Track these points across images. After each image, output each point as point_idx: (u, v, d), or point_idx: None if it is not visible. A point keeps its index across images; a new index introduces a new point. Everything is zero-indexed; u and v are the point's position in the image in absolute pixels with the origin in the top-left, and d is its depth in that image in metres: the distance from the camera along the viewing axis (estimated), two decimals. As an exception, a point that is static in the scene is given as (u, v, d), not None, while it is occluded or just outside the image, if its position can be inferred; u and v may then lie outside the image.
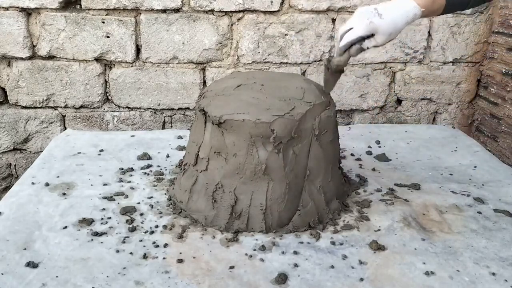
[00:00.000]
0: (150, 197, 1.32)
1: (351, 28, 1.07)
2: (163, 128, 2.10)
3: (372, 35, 1.07)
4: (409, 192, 1.38)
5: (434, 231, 1.18)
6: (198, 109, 1.22)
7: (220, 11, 1.91)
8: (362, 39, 1.07)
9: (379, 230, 1.18)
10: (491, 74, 2.00)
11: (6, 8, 1.85)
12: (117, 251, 1.07)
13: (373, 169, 1.54)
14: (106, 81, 2.00)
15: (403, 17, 1.05)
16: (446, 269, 1.03)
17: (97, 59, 1.95)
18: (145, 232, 1.15)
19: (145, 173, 1.48)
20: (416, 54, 2.03)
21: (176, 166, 1.53)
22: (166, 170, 1.51)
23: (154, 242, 1.10)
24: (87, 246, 1.09)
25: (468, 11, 1.98)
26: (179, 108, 2.06)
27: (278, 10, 1.93)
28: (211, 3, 1.89)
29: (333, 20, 1.96)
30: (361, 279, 0.99)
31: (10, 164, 2.09)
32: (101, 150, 1.66)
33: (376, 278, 0.99)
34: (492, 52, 1.99)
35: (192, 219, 1.21)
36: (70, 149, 1.66)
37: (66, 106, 2.02)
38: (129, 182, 1.42)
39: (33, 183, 1.38)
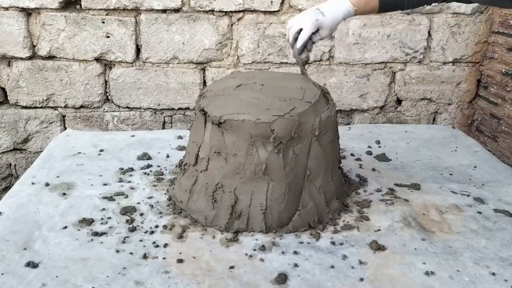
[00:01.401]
0: (150, 197, 1.32)
1: (301, 29, 1.26)
2: (163, 128, 2.10)
3: (317, 31, 1.27)
4: (409, 192, 1.38)
5: (434, 231, 1.18)
6: (198, 109, 1.22)
7: (220, 11, 1.91)
8: (311, 36, 1.28)
9: (379, 230, 1.18)
10: (491, 74, 2.00)
11: (6, 8, 1.85)
12: (117, 251, 1.07)
13: (373, 169, 1.54)
14: (106, 81, 2.00)
15: (340, 14, 1.25)
16: (446, 269, 1.03)
17: (97, 59, 1.95)
18: (145, 232, 1.15)
19: (145, 173, 1.48)
20: (416, 54, 2.03)
21: (176, 166, 1.53)
22: (166, 170, 1.51)
23: (154, 242, 1.10)
24: (87, 246, 1.09)
25: (468, 11, 1.98)
26: (179, 108, 2.06)
27: (278, 10, 1.93)
28: (211, 3, 1.89)
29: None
30: (361, 279, 0.99)
31: (10, 164, 2.09)
32: (101, 150, 1.66)
33: (376, 278, 0.99)
34: (492, 52, 1.99)
35: (192, 219, 1.21)
36: (70, 149, 1.66)
37: (66, 106, 2.02)
38: (129, 182, 1.41)
39: (33, 183, 1.38)
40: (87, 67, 1.96)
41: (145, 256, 1.05)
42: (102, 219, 1.20)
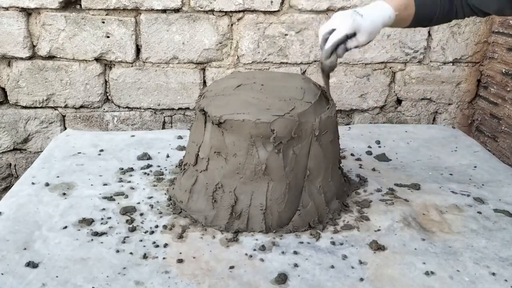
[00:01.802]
0: (150, 197, 1.32)
1: (333, 30, 1.11)
2: (163, 128, 2.10)
3: (354, 35, 1.10)
4: (409, 192, 1.38)
5: (434, 231, 1.18)
6: (198, 109, 1.22)
7: (220, 11, 1.91)
8: (346, 39, 1.11)
9: (379, 230, 1.18)
10: (491, 74, 2.00)
11: (6, 8, 1.85)
12: (117, 251, 1.07)
13: (373, 169, 1.54)
14: (106, 81, 2.00)
15: (380, 18, 1.11)
16: (446, 269, 1.03)
17: (97, 59, 1.95)
18: (145, 232, 1.15)
19: (145, 173, 1.48)
20: (416, 54, 2.03)
21: (176, 166, 1.53)
22: (166, 170, 1.51)
23: (154, 242, 1.10)
24: (87, 246, 1.09)
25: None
26: (179, 108, 2.06)
27: (278, 10, 1.93)
28: (211, 3, 1.89)
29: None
30: (361, 279, 0.99)
31: (10, 164, 2.09)
32: (101, 150, 1.66)
33: (376, 278, 0.99)
34: (492, 52, 1.99)
35: (192, 219, 1.21)
36: (70, 149, 1.66)
37: (66, 106, 2.02)
38: (129, 182, 1.41)
39: (33, 183, 1.38)
40: (87, 67, 1.96)
41: (145, 256, 1.05)
42: (102, 219, 1.20)
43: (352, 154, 1.67)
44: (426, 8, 1.16)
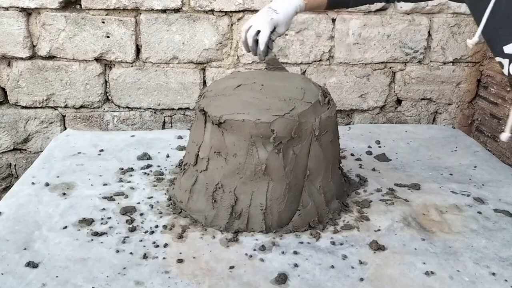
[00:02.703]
0: (150, 197, 1.32)
1: (259, 31, 1.26)
2: (163, 128, 2.10)
3: (274, 29, 1.28)
4: (409, 192, 1.38)
5: (434, 231, 1.18)
6: (198, 109, 1.22)
7: (220, 11, 1.91)
8: (270, 35, 1.28)
9: (379, 230, 1.18)
10: (491, 74, 2.00)
11: (6, 8, 1.85)
12: (117, 251, 1.07)
13: (373, 169, 1.54)
14: (106, 81, 2.00)
15: (292, 8, 1.27)
16: (446, 269, 1.03)
17: (97, 59, 1.95)
18: (145, 232, 1.15)
19: (145, 173, 1.48)
20: (416, 54, 2.03)
21: (176, 166, 1.53)
22: (166, 170, 1.51)
23: (154, 242, 1.10)
24: (87, 246, 1.09)
25: (468, 11, 1.97)
26: (179, 108, 2.06)
27: (278, 10, 1.92)
28: (211, 3, 1.89)
29: (333, 20, 1.96)
30: (361, 279, 0.99)
31: (10, 164, 2.09)
32: (101, 150, 1.66)
33: (376, 278, 0.99)
34: (492, 52, 1.99)
35: (192, 219, 1.21)
36: (70, 149, 1.66)
37: (66, 106, 2.02)
38: (129, 182, 1.41)
39: (33, 183, 1.38)
40: (87, 67, 1.96)
41: (145, 256, 1.05)
42: (102, 219, 1.20)
43: (352, 154, 1.67)
44: None
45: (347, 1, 1.34)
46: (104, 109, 2.04)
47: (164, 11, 1.91)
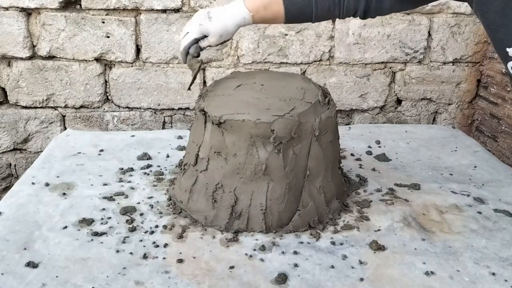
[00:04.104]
0: (150, 197, 1.32)
1: (188, 33, 1.19)
2: (163, 128, 2.10)
3: (205, 36, 1.18)
4: (409, 192, 1.38)
5: (434, 231, 1.18)
6: (198, 109, 1.22)
7: (220, 11, 1.91)
8: (197, 40, 1.19)
9: (379, 230, 1.18)
10: (491, 74, 2.00)
11: (6, 8, 1.84)
12: (117, 251, 1.07)
13: (373, 169, 1.54)
14: (106, 81, 2.00)
15: (232, 20, 1.15)
16: (446, 269, 1.03)
17: (97, 59, 1.95)
18: (145, 232, 1.15)
19: (145, 173, 1.48)
20: (416, 54, 2.03)
21: (176, 166, 1.53)
22: (166, 170, 1.51)
23: (154, 242, 1.10)
24: (87, 246, 1.09)
25: (468, 11, 1.98)
26: (179, 108, 2.06)
27: (278, 10, 1.92)
28: (211, 3, 1.89)
29: (333, 20, 1.96)
30: (361, 279, 0.99)
31: (10, 164, 2.09)
32: (101, 150, 1.66)
33: (376, 278, 0.99)
34: (492, 52, 1.99)
35: (192, 219, 1.21)
36: (70, 149, 1.66)
37: (66, 106, 2.02)
38: (129, 182, 1.42)
39: (33, 183, 1.38)
40: (87, 67, 1.96)
41: (145, 256, 1.05)
42: (102, 219, 1.20)
43: (352, 154, 1.67)
44: (297, 5, 1.14)
45: (309, 17, 1.17)
46: (104, 109, 2.04)
47: (164, 11, 1.91)
